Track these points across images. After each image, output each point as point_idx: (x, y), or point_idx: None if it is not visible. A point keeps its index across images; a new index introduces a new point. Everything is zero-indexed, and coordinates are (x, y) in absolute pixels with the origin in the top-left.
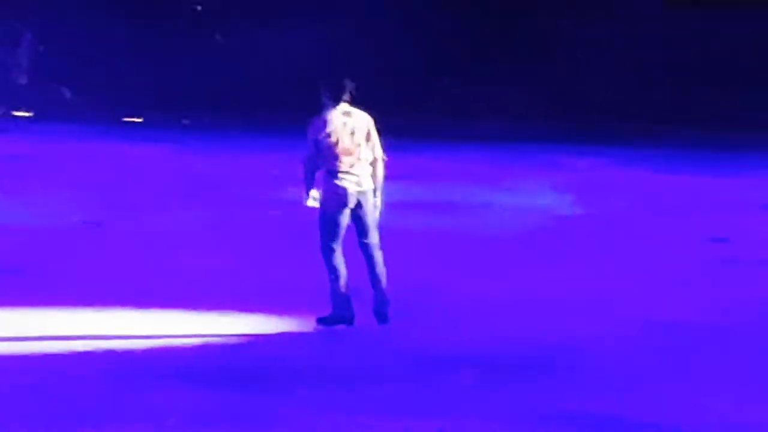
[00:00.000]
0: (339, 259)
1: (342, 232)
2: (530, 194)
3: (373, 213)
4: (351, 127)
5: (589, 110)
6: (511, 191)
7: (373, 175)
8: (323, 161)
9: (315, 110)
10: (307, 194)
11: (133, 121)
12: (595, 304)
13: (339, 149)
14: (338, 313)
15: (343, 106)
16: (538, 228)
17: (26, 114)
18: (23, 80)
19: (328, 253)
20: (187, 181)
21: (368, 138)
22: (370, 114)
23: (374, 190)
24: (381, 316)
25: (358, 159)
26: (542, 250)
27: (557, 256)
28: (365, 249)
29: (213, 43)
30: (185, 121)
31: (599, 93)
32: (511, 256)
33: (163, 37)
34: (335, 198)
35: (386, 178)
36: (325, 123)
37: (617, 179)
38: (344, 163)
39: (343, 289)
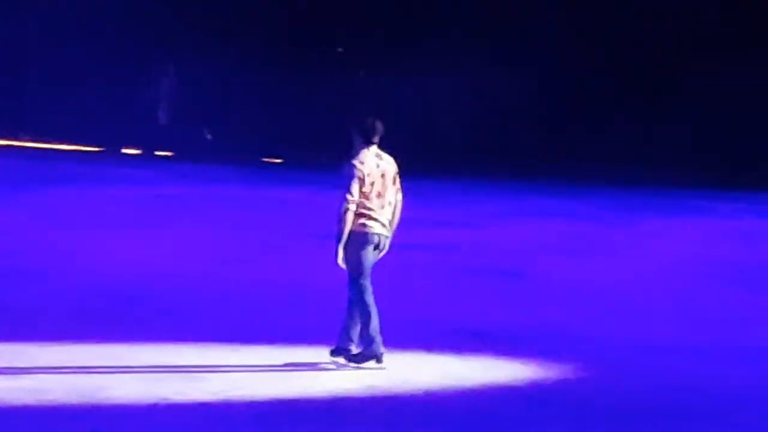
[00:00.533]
0: (371, 298)
1: (370, 270)
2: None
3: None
4: (382, 170)
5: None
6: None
7: (390, 219)
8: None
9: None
10: (342, 249)
11: (273, 162)
12: None
13: (374, 192)
14: (371, 351)
15: (374, 149)
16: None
17: (166, 153)
18: (164, 120)
19: (361, 291)
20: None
21: (394, 182)
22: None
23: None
24: (379, 357)
25: (388, 202)
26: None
27: None
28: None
29: (355, 82)
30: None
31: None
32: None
33: (303, 78)
34: (368, 238)
35: None
36: (362, 165)
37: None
38: (376, 205)
39: (376, 327)
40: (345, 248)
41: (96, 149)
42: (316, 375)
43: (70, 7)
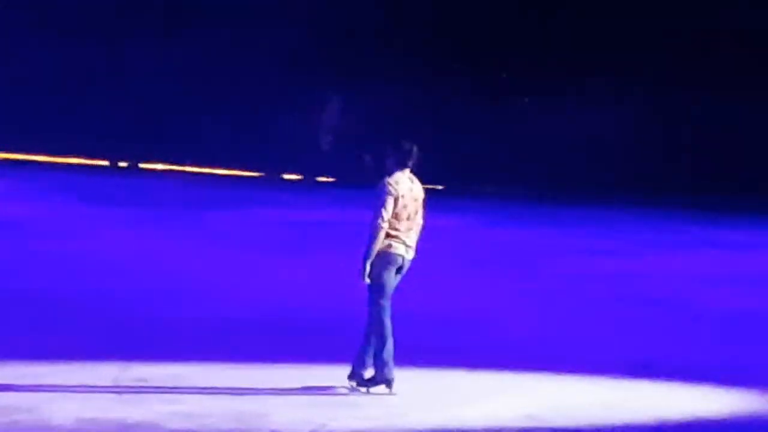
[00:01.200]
0: (389, 320)
1: (391, 293)
2: None
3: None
4: (415, 195)
5: None
6: None
7: (414, 244)
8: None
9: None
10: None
11: (434, 189)
12: None
13: (404, 214)
14: (382, 376)
15: (407, 173)
16: None
17: (328, 179)
18: (326, 146)
19: (381, 311)
20: (490, 251)
21: (423, 206)
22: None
23: None
24: (390, 383)
25: (416, 225)
26: None
27: None
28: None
29: (519, 109)
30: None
31: None
32: None
33: (464, 104)
34: (394, 259)
35: None
36: (397, 186)
37: None
38: (404, 228)
39: (390, 351)
40: (373, 267)
41: (256, 174)
42: (469, 403)
43: (235, 35)
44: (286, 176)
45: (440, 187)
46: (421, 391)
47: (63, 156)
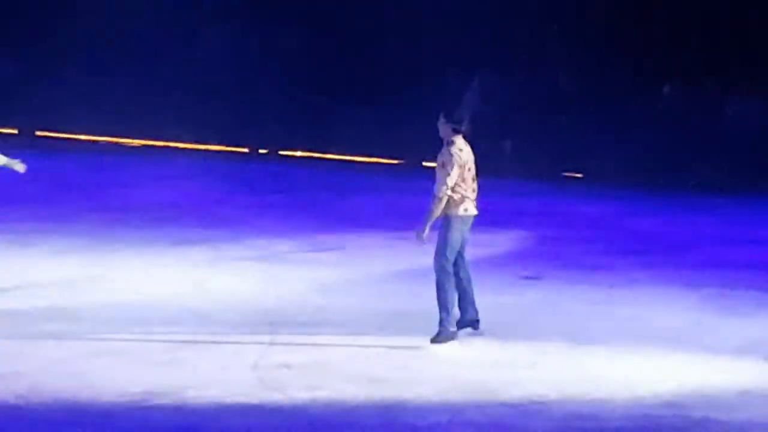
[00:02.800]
0: (461, 271)
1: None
2: None
3: None
4: (472, 157)
5: None
6: None
7: None
8: (456, 187)
9: None
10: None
11: (574, 177)
12: None
13: (470, 177)
14: (466, 319)
15: (462, 138)
16: None
17: None
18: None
19: (449, 268)
20: (633, 238)
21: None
22: None
23: None
24: (476, 324)
25: (476, 185)
26: None
27: None
28: (464, 265)
29: (657, 98)
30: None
31: None
32: None
33: (612, 91)
34: (465, 220)
35: None
36: (461, 153)
37: None
38: (471, 189)
39: (470, 295)
40: (448, 230)
41: (397, 162)
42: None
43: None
44: (426, 164)
45: (579, 175)
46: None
47: (204, 143)
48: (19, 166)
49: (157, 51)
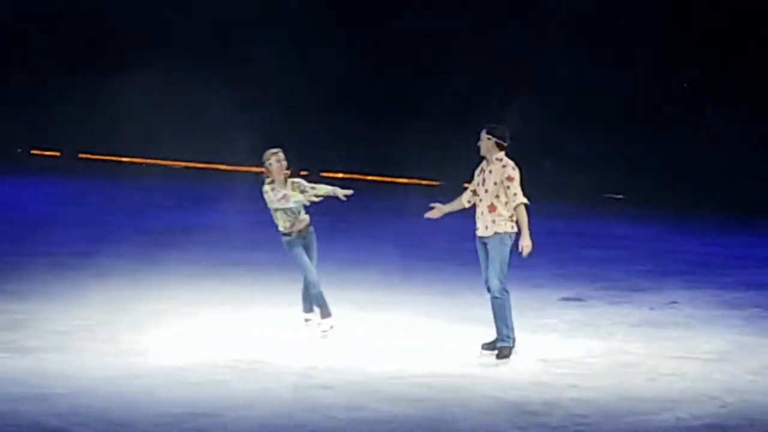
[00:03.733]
0: None
1: None
2: None
3: None
4: None
5: None
6: None
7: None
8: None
9: None
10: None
11: (615, 198)
12: None
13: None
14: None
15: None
16: None
17: None
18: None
19: (506, 286)
20: (675, 259)
21: None
22: None
23: None
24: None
25: None
26: None
27: None
28: None
29: (700, 118)
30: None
31: None
32: None
33: (654, 111)
34: (513, 237)
35: None
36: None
37: None
38: None
39: None
40: (503, 247)
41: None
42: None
43: None
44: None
45: (620, 197)
46: None
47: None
48: (341, 192)
49: (204, 70)
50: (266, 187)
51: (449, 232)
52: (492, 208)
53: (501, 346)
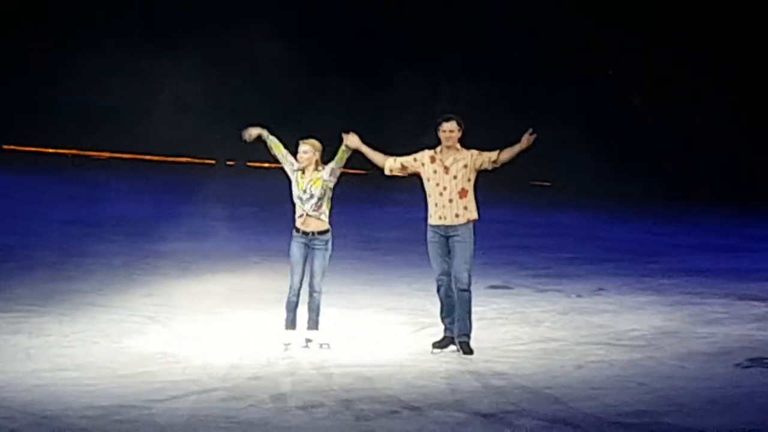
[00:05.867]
0: None
1: None
2: None
3: None
4: None
5: None
6: None
7: None
8: None
9: None
10: None
11: (542, 185)
12: None
13: None
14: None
15: None
16: None
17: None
18: None
19: None
20: (601, 247)
21: None
22: None
23: None
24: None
25: None
26: None
27: None
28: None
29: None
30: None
31: None
32: None
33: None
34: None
35: None
36: None
37: None
38: None
39: None
40: (474, 237)
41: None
42: None
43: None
44: None
45: (548, 184)
46: None
47: None
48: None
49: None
50: (294, 175)
51: (370, 222)
52: (463, 193)
53: (469, 341)
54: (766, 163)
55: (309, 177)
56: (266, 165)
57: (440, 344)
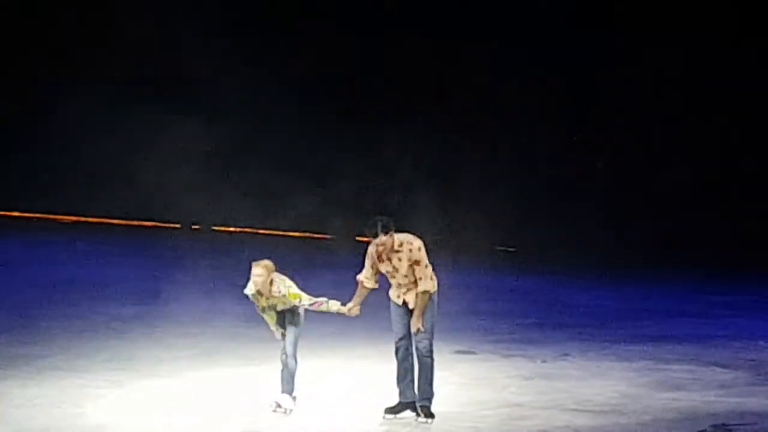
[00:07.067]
0: None
1: None
2: None
3: None
4: None
5: None
6: None
7: None
8: None
9: None
10: None
11: (506, 250)
12: None
13: None
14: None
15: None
16: None
17: None
18: None
19: None
20: (566, 312)
21: None
22: None
23: None
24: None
25: None
26: None
27: None
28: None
29: (590, 172)
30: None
31: None
32: None
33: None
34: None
35: None
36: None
37: None
38: None
39: None
40: (434, 307)
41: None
42: None
43: None
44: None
45: (512, 249)
46: None
47: None
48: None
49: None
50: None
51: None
52: (415, 285)
53: (430, 406)
54: (728, 230)
55: (267, 300)
56: (231, 229)
57: (393, 410)
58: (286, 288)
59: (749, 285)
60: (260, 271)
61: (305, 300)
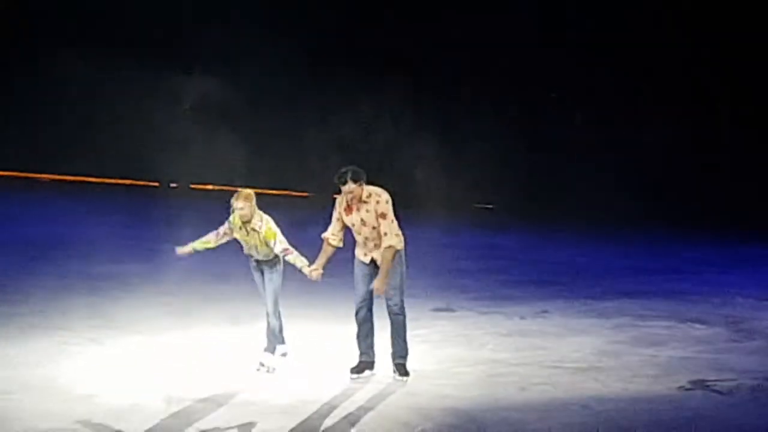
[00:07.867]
0: None
1: None
2: None
3: None
4: None
5: None
6: None
7: None
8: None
9: None
10: None
11: (485, 207)
12: None
13: None
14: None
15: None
16: None
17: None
18: None
19: None
20: (544, 269)
21: None
22: None
23: None
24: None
25: None
26: None
27: None
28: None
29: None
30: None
31: None
32: None
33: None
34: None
35: None
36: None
37: None
38: None
39: None
40: (402, 265)
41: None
42: None
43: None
44: None
45: (491, 206)
46: None
47: None
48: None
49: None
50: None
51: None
52: (381, 237)
53: (405, 363)
54: (708, 186)
55: (249, 234)
56: (210, 187)
57: (356, 369)
58: (264, 223)
59: (719, 241)
60: (242, 204)
61: (279, 243)
